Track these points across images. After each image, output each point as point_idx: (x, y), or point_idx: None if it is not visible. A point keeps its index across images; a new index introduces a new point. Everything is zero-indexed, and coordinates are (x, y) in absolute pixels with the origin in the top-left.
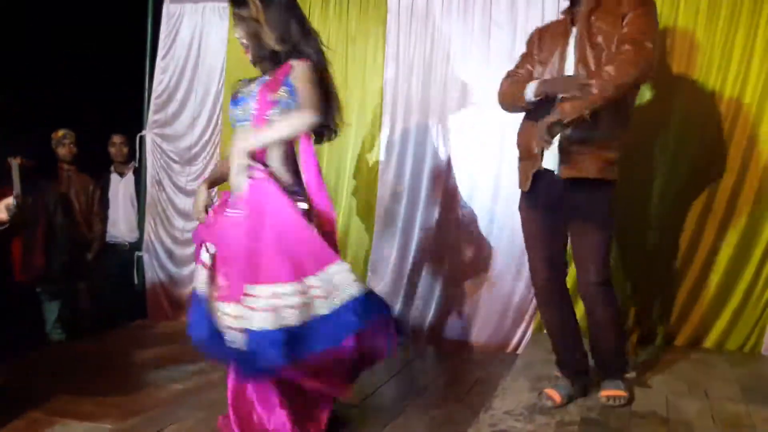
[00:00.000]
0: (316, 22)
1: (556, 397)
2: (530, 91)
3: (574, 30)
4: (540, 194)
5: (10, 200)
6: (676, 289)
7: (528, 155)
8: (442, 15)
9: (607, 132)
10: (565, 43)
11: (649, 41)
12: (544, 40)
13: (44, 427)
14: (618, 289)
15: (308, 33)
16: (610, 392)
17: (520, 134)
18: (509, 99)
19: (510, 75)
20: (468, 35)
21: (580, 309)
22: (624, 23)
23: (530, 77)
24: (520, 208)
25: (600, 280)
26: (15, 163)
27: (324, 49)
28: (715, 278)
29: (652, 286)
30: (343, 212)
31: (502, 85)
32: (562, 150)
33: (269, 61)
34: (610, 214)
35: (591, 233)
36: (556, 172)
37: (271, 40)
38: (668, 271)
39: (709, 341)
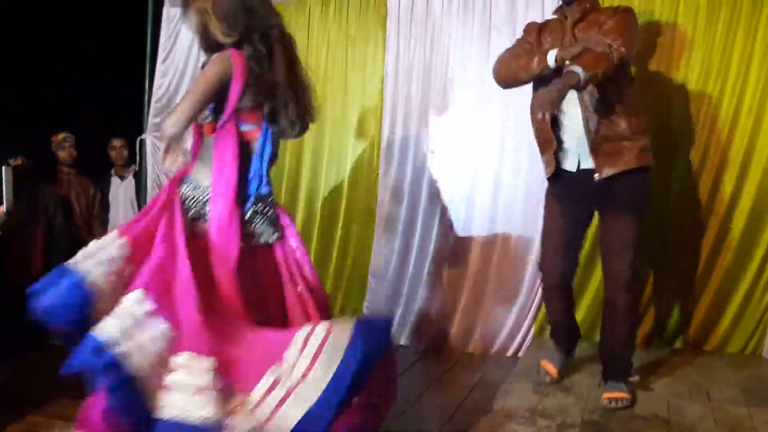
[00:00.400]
0: (315, 24)
1: (553, 370)
2: (551, 57)
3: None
4: (568, 188)
5: (0, 209)
6: (676, 293)
7: (547, 146)
8: (441, 18)
9: (630, 121)
10: (563, 43)
11: (619, 42)
12: (543, 37)
13: (44, 429)
14: None
15: (260, 21)
16: (612, 394)
17: (537, 129)
18: (515, 67)
19: (509, 50)
20: (467, 38)
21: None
22: (600, 29)
23: (533, 50)
24: (547, 199)
25: (632, 266)
26: (7, 169)
27: (277, 39)
28: (715, 281)
29: (653, 289)
30: (343, 216)
31: (501, 57)
32: (596, 151)
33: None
34: (647, 199)
35: (628, 219)
36: (595, 175)
37: (218, 32)
38: (669, 275)
39: (710, 344)
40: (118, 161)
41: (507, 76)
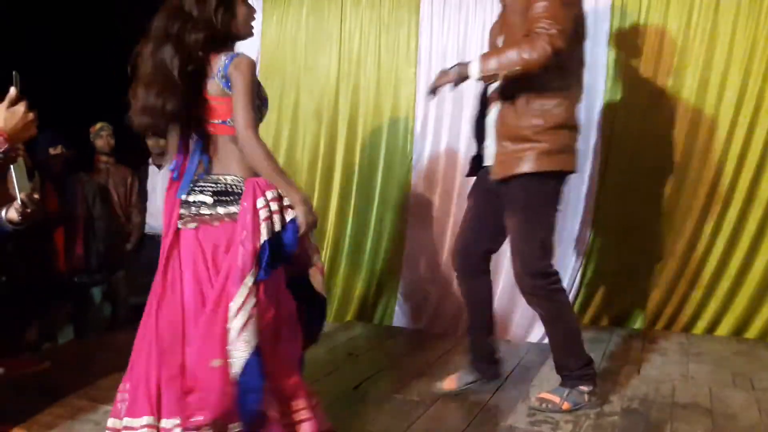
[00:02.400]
0: (348, 10)
1: (451, 385)
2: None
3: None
4: (480, 179)
5: (17, 202)
6: (718, 279)
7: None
8: (476, 2)
9: (536, 120)
10: (498, 34)
11: (545, 27)
12: (492, 32)
13: (87, 412)
14: (658, 276)
15: None
16: (544, 395)
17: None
18: None
19: None
20: None
21: None
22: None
23: None
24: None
25: (529, 271)
26: (18, 162)
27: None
28: (758, 268)
29: (695, 275)
30: (378, 203)
31: None
32: (496, 150)
33: None
34: (545, 205)
35: (520, 223)
36: (490, 176)
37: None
38: (711, 261)
39: (753, 331)
40: (155, 150)
41: None
